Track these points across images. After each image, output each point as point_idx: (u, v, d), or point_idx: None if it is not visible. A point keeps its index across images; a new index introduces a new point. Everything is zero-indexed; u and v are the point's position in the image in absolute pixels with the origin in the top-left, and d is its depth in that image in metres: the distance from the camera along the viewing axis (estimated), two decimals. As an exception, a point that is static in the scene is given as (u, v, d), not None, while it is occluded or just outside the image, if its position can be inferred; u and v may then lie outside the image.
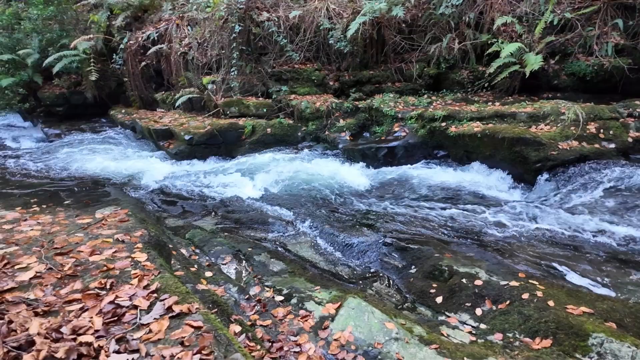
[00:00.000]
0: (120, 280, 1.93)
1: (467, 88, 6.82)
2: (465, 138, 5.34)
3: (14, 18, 9.06)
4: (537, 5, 6.14)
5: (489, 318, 2.62)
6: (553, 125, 5.04)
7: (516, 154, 4.91)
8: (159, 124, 7.22)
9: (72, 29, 9.06)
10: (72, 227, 2.71)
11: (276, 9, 7.19)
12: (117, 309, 1.68)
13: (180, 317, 1.64)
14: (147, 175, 6.13)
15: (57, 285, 1.90)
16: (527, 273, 3.05)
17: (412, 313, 2.88)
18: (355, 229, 4.08)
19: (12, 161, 7.16)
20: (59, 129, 8.93)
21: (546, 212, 4.23)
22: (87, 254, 2.23)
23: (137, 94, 8.78)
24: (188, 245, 3.74)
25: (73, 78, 9.34)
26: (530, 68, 5.48)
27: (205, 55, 7.40)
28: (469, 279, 2.96)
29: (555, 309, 2.48)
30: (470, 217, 4.26)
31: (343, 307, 2.62)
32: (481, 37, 6.49)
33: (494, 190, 4.97)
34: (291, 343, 2.40)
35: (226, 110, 7.05)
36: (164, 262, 2.33)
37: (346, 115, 6.66)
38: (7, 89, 8.57)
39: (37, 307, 1.68)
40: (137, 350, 1.44)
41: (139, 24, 8.64)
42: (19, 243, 2.38)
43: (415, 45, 7.10)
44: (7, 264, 2.07)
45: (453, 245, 3.67)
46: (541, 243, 3.71)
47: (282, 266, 3.44)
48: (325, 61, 7.40)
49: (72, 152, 7.46)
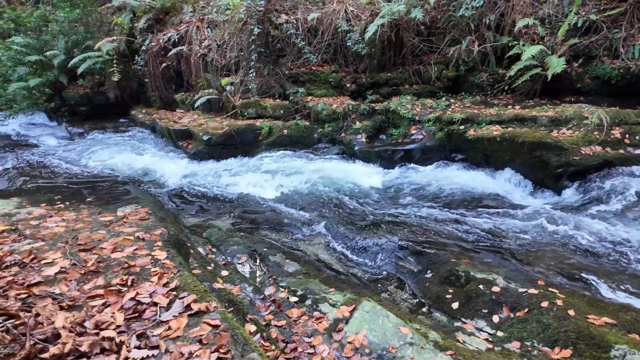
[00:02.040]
0: (141, 278, 1.98)
1: (486, 91, 6.72)
2: (484, 142, 5.27)
3: (42, 20, 9.38)
4: (561, 7, 6.01)
5: (507, 325, 2.58)
6: (575, 129, 4.92)
7: (536, 159, 4.81)
8: (178, 124, 7.36)
9: (96, 30, 9.33)
10: (94, 224, 2.79)
11: (295, 11, 7.24)
12: (137, 306, 1.73)
13: (198, 315, 1.67)
14: (166, 174, 6.26)
15: (80, 280, 1.96)
16: (546, 281, 2.98)
17: (427, 318, 2.85)
18: (370, 232, 4.07)
19: (37, 159, 7.41)
20: (82, 128, 9.20)
21: (567, 219, 4.13)
22: (109, 251, 2.29)
23: (158, 94, 8.97)
24: (205, 244, 3.79)
25: (96, 79, 9.61)
26: (552, 71, 5.36)
27: (224, 57, 7.51)
28: (486, 285, 2.92)
29: (575, 318, 2.42)
30: (488, 222, 4.20)
31: (357, 310, 2.62)
32: (502, 39, 6.38)
33: (513, 195, 4.88)
34: (305, 344, 2.41)
35: (244, 111, 7.13)
36: (183, 260, 2.37)
37: (362, 117, 6.65)
38: (34, 88, 8.87)
39: (62, 302, 1.74)
40: (157, 347, 1.47)
41: (161, 26, 8.83)
42: (45, 239, 2.46)
43: (434, 48, 7.04)
44: (34, 259, 2.15)
45: (470, 250, 3.62)
46: (561, 250, 3.63)
47: (297, 267, 3.46)
48: (342, 63, 7.41)
49: (94, 150, 7.67)
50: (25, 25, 9.34)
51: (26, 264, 2.10)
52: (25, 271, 2.02)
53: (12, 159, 7.41)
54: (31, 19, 9.34)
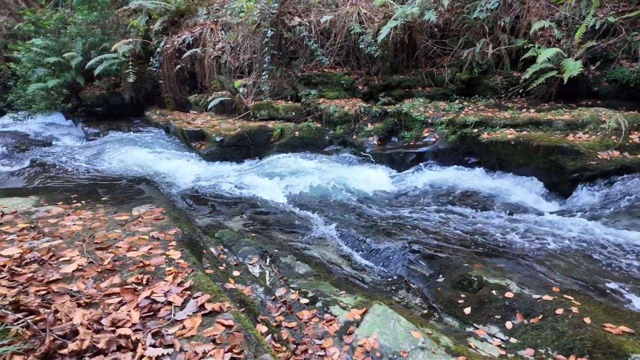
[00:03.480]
0: (156, 277, 2.01)
1: (500, 94, 6.64)
2: (497, 145, 5.21)
3: (61, 23, 9.59)
4: (578, 9, 5.92)
5: (520, 332, 2.54)
6: (592, 134, 4.83)
7: (552, 163, 4.74)
8: (191, 125, 7.44)
9: (113, 33, 9.50)
10: (110, 223, 2.84)
11: (308, 14, 7.27)
12: (152, 304, 1.75)
13: (212, 315, 1.69)
14: (179, 174, 6.33)
15: (97, 278, 2.00)
16: (561, 287, 2.94)
17: (439, 323, 2.83)
18: (381, 234, 4.06)
19: (54, 158, 7.57)
20: (98, 128, 9.37)
21: (583, 225, 4.05)
22: (124, 250, 2.33)
23: (172, 95, 9.09)
24: (217, 244, 3.83)
25: (112, 80, 9.78)
26: (568, 74, 5.28)
27: (237, 59, 7.58)
28: (499, 291, 2.88)
29: (592, 326, 2.38)
30: (502, 227, 4.15)
31: (368, 313, 2.61)
32: (517, 41, 6.31)
33: (527, 199, 4.81)
34: (316, 346, 2.42)
35: (256, 113, 7.18)
36: (196, 260, 2.40)
37: (374, 119, 6.64)
38: (52, 89, 9.07)
39: (79, 299, 1.78)
40: (171, 345, 1.50)
41: (175, 28, 8.96)
42: (63, 237, 2.52)
43: (448, 50, 6.99)
44: (53, 256, 2.20)
45: (483, 255, 3.58)
46: (576, 256, 3.57)
47: (308, 269, 3.47)
48: (354, 65, 7.42)
49: (109, 150, 7.80)
50: (44, 27, 9.56)
51: (45, 261, 2.15)
52: (44, 268, 2.07)
53: (30, 158, 7.59)
54: (50, 22, 9.56)
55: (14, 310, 1.58)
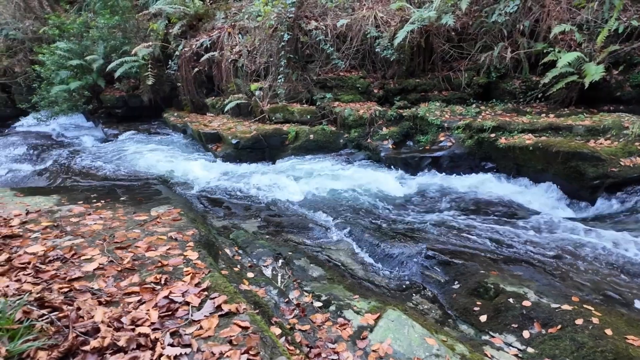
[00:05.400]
0: (174, 277, 2.04)
1: (518, 98, 6.54)
2: (515, 150, 5.13)
3: (84, 27, 9.86)
4: (600, 13, 5.79)
5: (538, 342, 2.49)
6: (614, 140, 4.71)
7: (571, 170, 4.64)
8: (208, 127, 7.55)
9: (133, 36, 9.72)
10: (130, 223, 2.91)
11: (324, 18, 7.31)
12: (171, 304, 1.79)
13: (228, 316, 1.71)
14: (195, 175, 6.43)
15: (117, 277, 2.05)
16: (581, 297, 2.87)
17: (453, 330, 2.80)
18: (395, 239, 4.04)
19: (75, 158, 7.77)
20: (117, 129, 9.60)
21: (604, 233, 3.95)
22: (143, 250, 2.38)
23: (189, 98, 9.24)
24: (232, 246, 3.87)
25: (132, 82, 10.00)
26: (590, 79, 5.16)
27: (254, 62, 7.66)
28: (516, 299, 2.83)
29: (613, 338, 2.32)
30: (519, 233, 4.07)
31: (382, 318, 2.60)
32: (536, 45, 6.21)
33: (546, 206, 4.72)
34: (329, 350, 2.42)
35: (271, 116, 7.24)
36: (213, 261, 2.43)
37: (389, 123, 6.62)
38: (74, 91, 9.33)
39: (100, 297, 1.82)
40: (189, 345, 1.52)
41: (194, 32, 9.11)
42: (84, 236, 2.59)
43: (465, 54, 6.93)
44: (75, 255, 2.26)
45: (500, 262, 3.53)
46: (597, 265, 3.48)
47: (321, 272, 3.47)
48: (370, 69, 7.41)
49: (128, 151, 7.97)
50: (68, 31, 9.84)
51: (67, 259, 2.22)
52: (67, 266, 2.13)
53: (52, 158, 7.81)
54: (74, 26, 9.84)
55: (38, 307, 1.63)
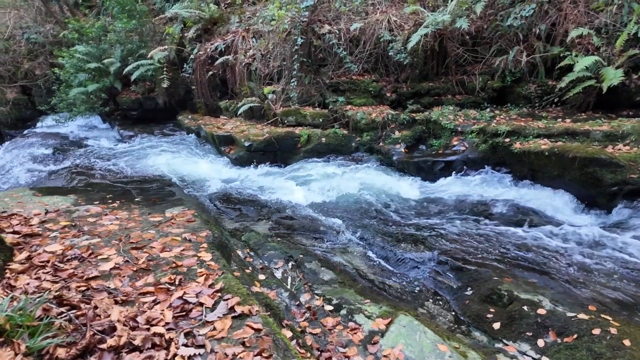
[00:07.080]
0: (188, 278, 2.07)
1: (534, 103, 6.45)
2: (530, 156, 5.06)
3: (102, 30, 10.09)
4: (619, 16, 5.68)
5: (553, 351, 2.45)
6: (634, 146, 4.60)
7: (588, 176, 4.55)
8: (221, 130, 7.63)
9: (149, 40, 9.90)
10: (145, 224, 2.96)
11: (337, 22, 7.33)
12: (185, 305, 1.81)
13: (241, 318, 1.73)
14: (209, 177, 6.50)
15: (132, 277, 2.09)
16: (598, 306, 2.81)
17: (466, 337, 2.77)
18: (407, 244, 4.01)
19: (91, 158, 7.94)
20: (133, 131, 9.77)
21: (622, 241, 3.86)
22: (158, 250, 2.42)
23: (203, 101, 9.35)
24: (244, 248, 3.90)
25: (147, 85, 10.17)
26: (608, 83, 5.06)
27: (267, 66, 7.72)
28: (530, 307, 2.79)
29: (632, 349, 2.26)
30: (534, 240, 4.01)
31: (394, 323, 2.59)
32: (552, 49, 6.12)
33: (562, 213, 4.64)
34: (340, 354, 2.41)
35: (284, 119, 7.28)
36: (226, 262, 2.46)
37: (402, 127, 6.59)
38: (92, 94, 9.53)
39: (116, 296, 1.86)
40: (202, 346, 1.54)
41: (208, 35, 9.23)
42: (101, 235, 2.64)
43: (479, 58, 6.87)
44: (92, 254, 2.31)
45: (514, 269, 3.48)
46: (615, 274, 3.40)
47: (332, 275, 3.47)
48: (383, 72, 7.39)
49: (143, 152, 8.11)
50: (87, 35, 10.07)
51: (85, 258, 2.27)
52: (84, 265, 2.18)
53: (69, 158, 7.99)
54: (92, 30, 10.06)
55: (57, 304, 1.67)
